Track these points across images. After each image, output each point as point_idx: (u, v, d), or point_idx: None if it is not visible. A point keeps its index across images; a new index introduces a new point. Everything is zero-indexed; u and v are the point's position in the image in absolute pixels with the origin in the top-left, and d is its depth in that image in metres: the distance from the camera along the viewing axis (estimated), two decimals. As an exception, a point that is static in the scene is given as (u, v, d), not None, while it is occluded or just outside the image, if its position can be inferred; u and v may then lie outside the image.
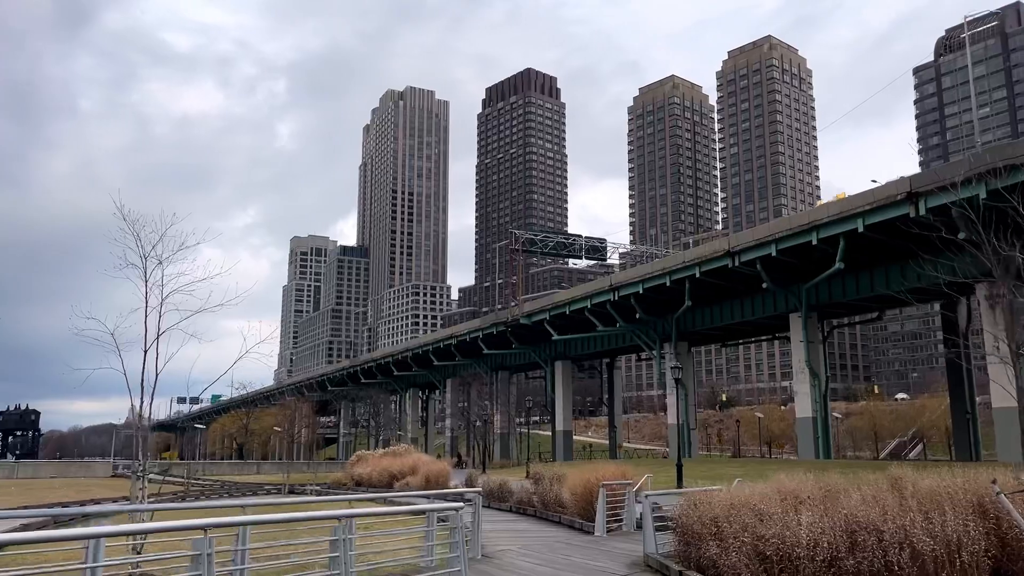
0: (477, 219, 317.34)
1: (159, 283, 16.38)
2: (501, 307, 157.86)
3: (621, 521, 21.53)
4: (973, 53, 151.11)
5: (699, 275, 58.68)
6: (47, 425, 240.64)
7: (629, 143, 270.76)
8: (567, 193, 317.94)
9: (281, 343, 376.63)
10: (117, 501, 35.27)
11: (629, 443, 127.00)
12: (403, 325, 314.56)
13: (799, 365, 57.69)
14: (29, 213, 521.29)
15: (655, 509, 15.78)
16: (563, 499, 24.92)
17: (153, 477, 20.94)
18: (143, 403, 16.22)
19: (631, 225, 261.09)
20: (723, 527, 11.46)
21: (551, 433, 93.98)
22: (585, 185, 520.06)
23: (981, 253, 38.20)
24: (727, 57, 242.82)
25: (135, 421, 18.63)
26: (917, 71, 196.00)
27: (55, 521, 27.59)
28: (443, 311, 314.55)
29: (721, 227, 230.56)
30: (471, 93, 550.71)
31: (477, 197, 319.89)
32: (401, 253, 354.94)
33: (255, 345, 18.41)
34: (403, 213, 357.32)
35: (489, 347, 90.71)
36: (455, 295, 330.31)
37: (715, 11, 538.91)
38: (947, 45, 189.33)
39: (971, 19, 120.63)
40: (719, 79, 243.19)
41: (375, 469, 48.04)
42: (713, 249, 58.92)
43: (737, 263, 55.02)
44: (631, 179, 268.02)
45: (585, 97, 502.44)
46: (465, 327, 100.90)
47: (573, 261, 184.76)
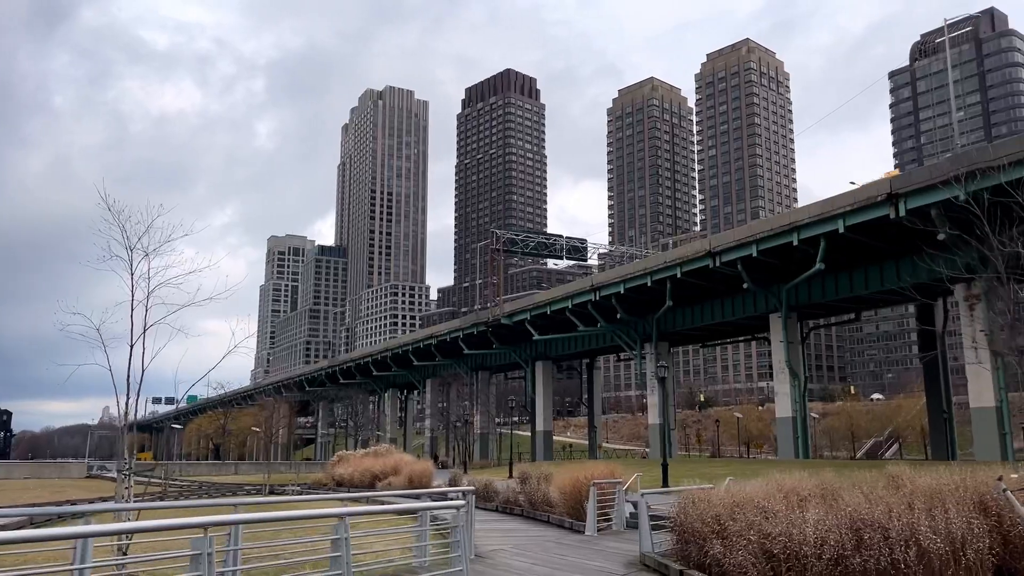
0: (456, 219, 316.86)
1: (145, 276, 16.07)
2: (481, 307, 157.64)
3: (611, 520, 21.39)
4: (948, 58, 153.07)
5: (680, 275, 58.91)
6: (19, 426, 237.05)
7: (608, 145, 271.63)
8: (547, 194, 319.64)
9: (258, 343, 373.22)
10: (93, 502, 34.63)
11: (608, 443, 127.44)
12: (381, 325, 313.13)
13: (779, 365, 58.05)
14: (2, 211, 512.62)
15: (648, 508, 15.70)
16: (551, 498, 24.75)
17: (138, 478, 20.56)
18: (128, 400, 15.88)
19: (610, 226, 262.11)
20: (727, 525, 11.36)
21: (531, 433, 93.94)
22: (564, 186, 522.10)
23: (962, 252, 38.77)
24: (705, 60, 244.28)
25: (120, 418, 18.26)
26: (892, 75, 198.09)
27: (32, 521, 27.04)
28: (422, 311, 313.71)
29: (699, 228, 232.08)
30: (451, 93, 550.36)
31: (456, 197, 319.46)
32: (380, 253, 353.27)
33: (243, 340, 18.09)
34: (382, 213, 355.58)
35: (469, 347, 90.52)
36: (434, 295, 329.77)
37: (694, 15, 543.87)
38: (922, 50, 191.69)
39: (951, 22, 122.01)
40: (697, 81, 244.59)
41: (357, 469, 47.50)
42: (694, 250, 59.08)
43: (718, 263, 55.23)
44: (610, 180, 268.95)
45: (565, 99, 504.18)
46: (445, 327, 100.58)
47: (553, 262, 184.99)
